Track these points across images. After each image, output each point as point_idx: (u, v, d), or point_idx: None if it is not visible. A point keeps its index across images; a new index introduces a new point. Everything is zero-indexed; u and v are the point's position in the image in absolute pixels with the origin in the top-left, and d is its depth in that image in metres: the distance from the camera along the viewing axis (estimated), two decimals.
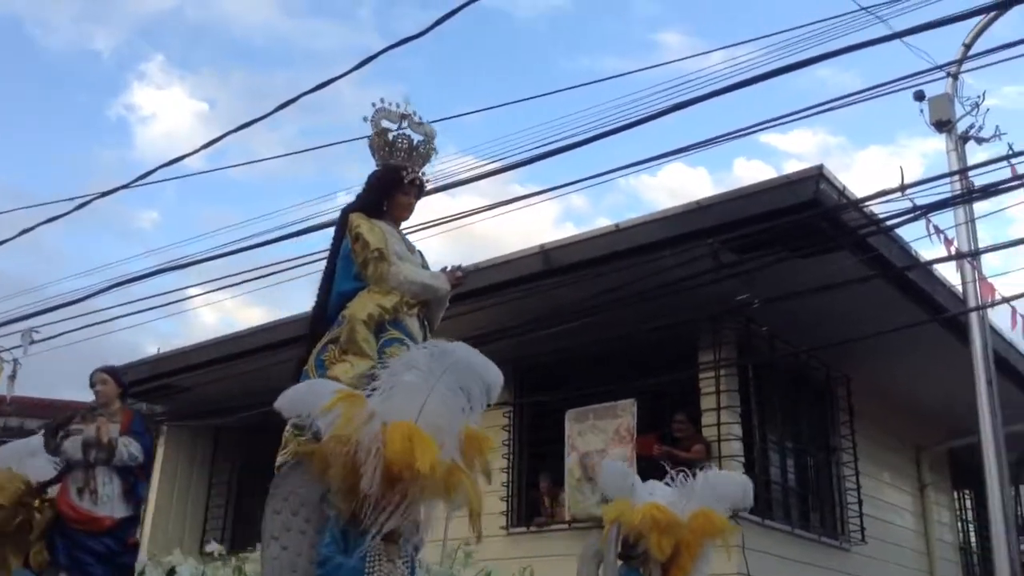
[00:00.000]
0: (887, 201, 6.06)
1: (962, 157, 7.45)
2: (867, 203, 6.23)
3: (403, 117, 4.13)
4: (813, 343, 7.96)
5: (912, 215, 5.65)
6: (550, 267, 7.47)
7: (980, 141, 7.56)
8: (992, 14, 7.00)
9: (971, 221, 6.86)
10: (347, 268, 3.92)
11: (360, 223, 3.91)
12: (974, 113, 7.55)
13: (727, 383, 7.58)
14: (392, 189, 4.07)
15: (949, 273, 7.44)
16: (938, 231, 6.14)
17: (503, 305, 7.47)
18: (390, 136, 4.11)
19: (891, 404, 9.60)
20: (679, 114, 6.35)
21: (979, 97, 7.63)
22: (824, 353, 8.29)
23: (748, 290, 6.77)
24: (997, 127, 7.57)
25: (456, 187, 7.29)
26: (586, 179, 7.04)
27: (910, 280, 6.99)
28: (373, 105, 4.12)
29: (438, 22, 5.60)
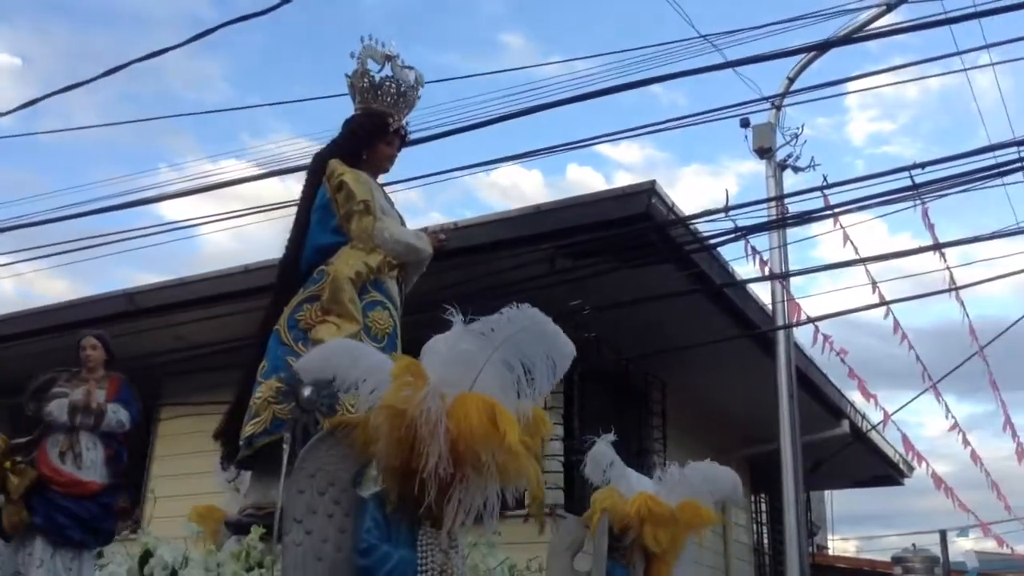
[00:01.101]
0: (711, 220, 6.41)
1: (779, 183, 7.97)
2: (693, 221, 6.55)
3: (388, 58, 3.74)
4: (636, 351, 8.29)
5: (733, 236, 5.99)
6: None
7: (796, 170, 8.12)
8: (813, 53, 7.54)
9: (784, 245, 7.34)
10: (325, 219, 3.55)
11: (344, 171, 3.52)
12: (793, 143, 8.11)
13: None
14: (375, 137, 3.70)
15: (762, 292, 7.95)
16: (755, 252, 6.54)
17: None
18: (376, 77, 3.71)
19: (702, 411, 10.11)
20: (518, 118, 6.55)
21: (798, 129, 8.20)
22: (645, 360, 8.64)
23: (579, 296, 6.97)
24: (812, 158, 8.15)
25: (292, 172, 7.15)
26: (422, 176, 7.10)
27: (727, 296, 7.40)
28: (362, 40, 3.68)
29: (280, 4, 5.45)
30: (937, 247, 5.93)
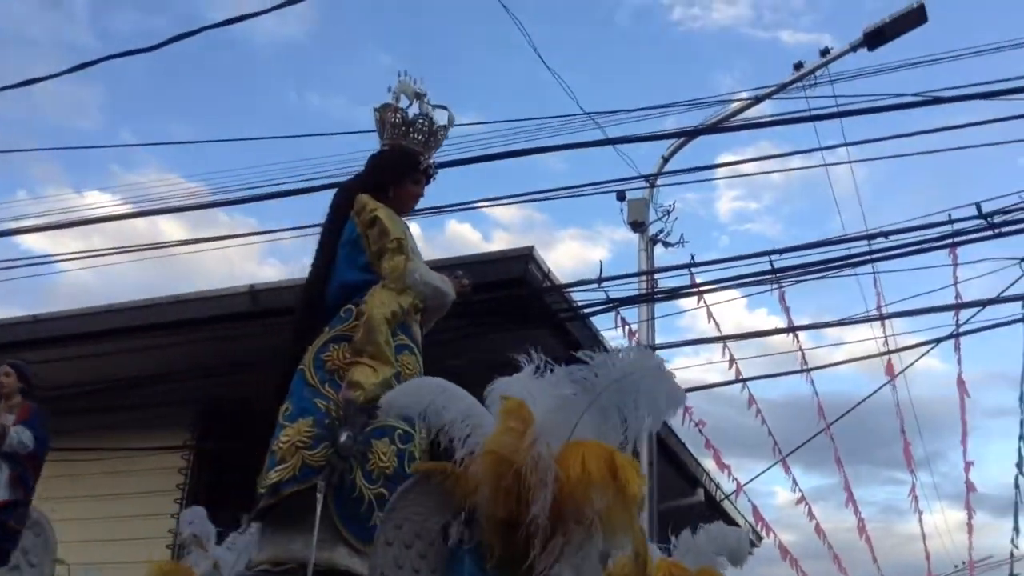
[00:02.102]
0: (585, 290, 6.62)
1: (651, 257, 8.30)
2: (568, 289, 6.74)
3: (418, 96, 3.60)
4: None
5: (605, 307, 6.20)
6: (258, 308, 7.28)
7: (667, 245, 8.47)
8: (683, 139, 7.99)
9: (652, 319, 7.63)
10: (353, 256, 3.37)
11: (377, 207, 3.35)
12: (665, 220, 8.48)
13: None
14: (404, 176, 3.54)
15: None
16: (624, 323, 6.77)
17: (198, 343, 7.16)
18: (409, 114, 3.58)
19: None
20: None
21: (670, 206, 8.58)
22: None
23: (453, 356, 7.02)
24: (682, 235, 8.53)
25: (164, 214, 7.00)
26: (299, 227, 7.07)
27: None
28: (399, 76, 3.59)
29: (170, 41, 5.39)
30: (791, 329, 6.32)
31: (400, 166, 3.54)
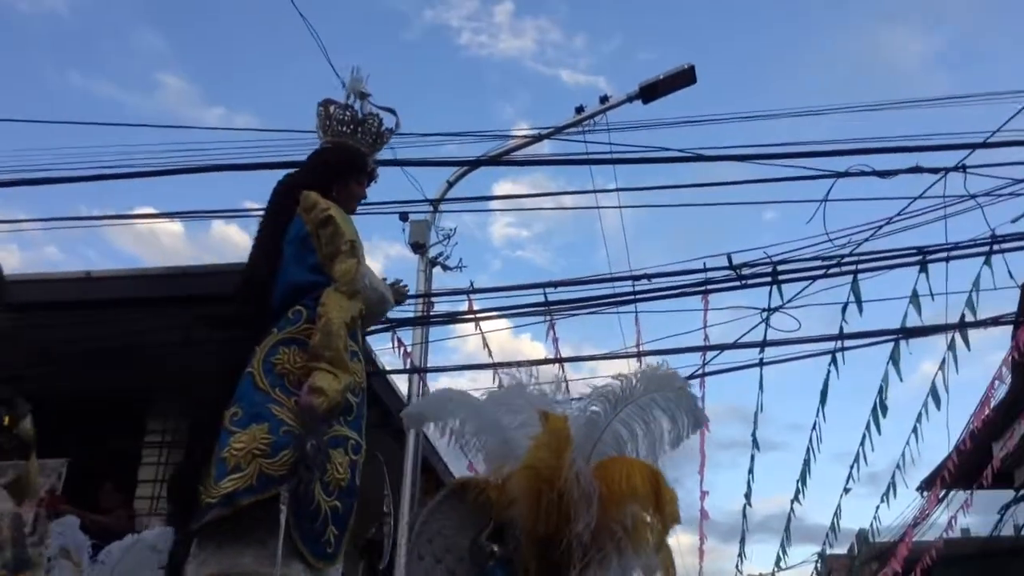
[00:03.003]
0: None
1: (429, 280, 8.39)
2: None
3: (363, 95, 3.45)
4: None
5: (382, 327, 6.21)
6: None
7: (446, 268, 8.60)
8: (467, 167, 8.18)
9: (426, 342, 7.71)
10: (301, 255, 3.15)
11: (330, 206, 3.12)
12: (445, 243, 8.60)
13: (176, 456, 7.38)
14: (349, 175, 3.36)
15: (400, 382, 8.23)
16: (400, 344, 6.81)
17: None
18: (359, 113, 3.42)
19: None
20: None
21: (451, 231, 8.72)
22: None
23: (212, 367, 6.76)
24: (460, 259, 8.69)
25: None
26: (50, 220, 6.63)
27: (370, 385, 7.55)
28: (352, 72, 3.46)
29: None
30: (558, 360, 6.61)
31: (346, 165, 3.40)
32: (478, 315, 6.06)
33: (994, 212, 5.74)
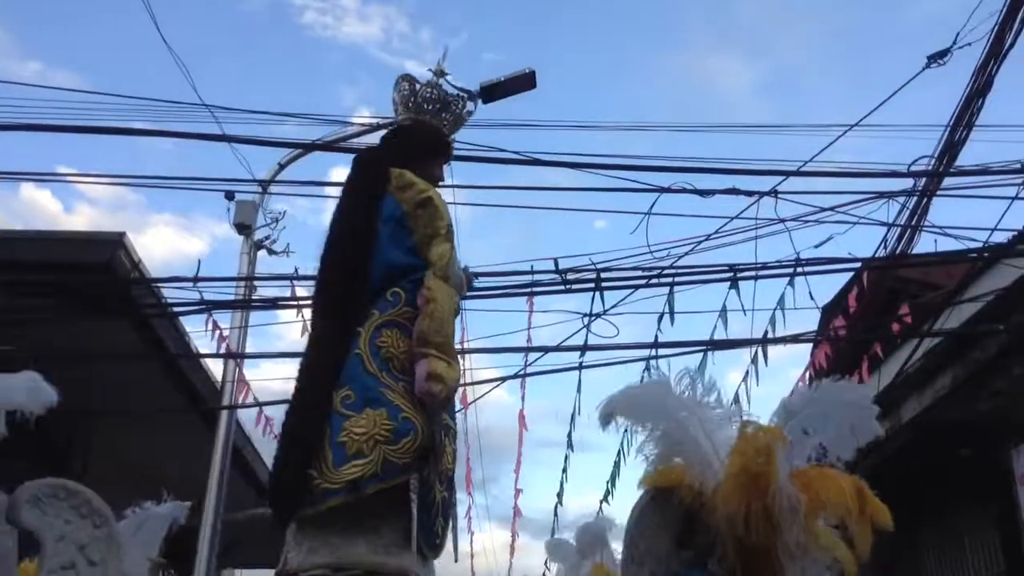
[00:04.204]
0: (176, 287, 6.30)
1: (253, 263, 8.14)
2: (159, 284, 6.39)
3: (442, 74, 3.36)
4: (69, 405, 7.68)
5: (198, 308, 5.96)
6: None
7: (272, 252, 8.38)
8: (300, 151, 7.99)
9: (245, 326, 7.47)
10: (398, 236, 3.01)
11: (428, 188, 3.03)
12: (273, 227, 8.37)
13: None
14: (433, 156, 3.27)
15: (215, 366, 7.94)
16: (216, 327, 6.56)
17: None
18: (448, 93, 3.31)
19: (132, 476, 9.61)
20: None
21: (280, 214, 8.50)
22: (73, 417, 8.02)
23: (17, 338, 6.31)
24: (288, 244, 8.49)
25: None
26: None
27: (179, 367, 7.26)
28: (445, 50, 3.36)
29: None
30: None
31: (431, 146, 3.31)
32: (302, 303, 5.91)
33: (801, 237, 6.14)
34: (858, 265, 6.63)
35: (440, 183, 3.39)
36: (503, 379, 6.86)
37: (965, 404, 6.54)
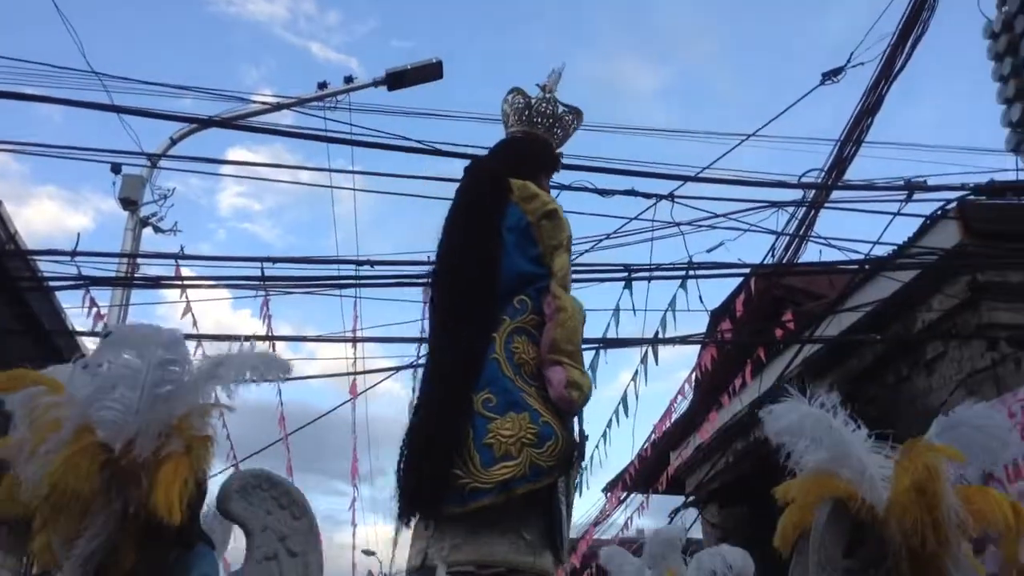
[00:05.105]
0: (54, 260, 6.00)
1: (137, 239, 7.82)
2: (34, 256, 6.07)
3: (550, 91, 3.39)
4: None
5: (76, 283, 5.68)
6: None
7: (158, 230, 8.06)
8: (195, 126, 7.72)
9: (127, 304, 7.16)
10: (524, 245, 3.08)
11: (551, 199, 3.16)
12: (160, 203, 8.06)
13: None
14: (543, 169, 3.32)
15: (90, 344, 7.59)
16: (93, 304, 6.26)
17: None
18: (559, 109, 3.38)
19: None
20: None
21: (169, 191, 8.18)
22: None
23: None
24: (176, 223, 8.19)
25: None
26: None
27: (54, 344, 6.92)
28: (560, 67, 3.45)
29: None
30: (269, 338, 6.38)
31: (543, 159, 3.39)
32: (186, 282, 5.70)
33: (694, 241, 6.27)
34: (747, 271, 6.82)
35: None
36: (396, 369, 6.80)
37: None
